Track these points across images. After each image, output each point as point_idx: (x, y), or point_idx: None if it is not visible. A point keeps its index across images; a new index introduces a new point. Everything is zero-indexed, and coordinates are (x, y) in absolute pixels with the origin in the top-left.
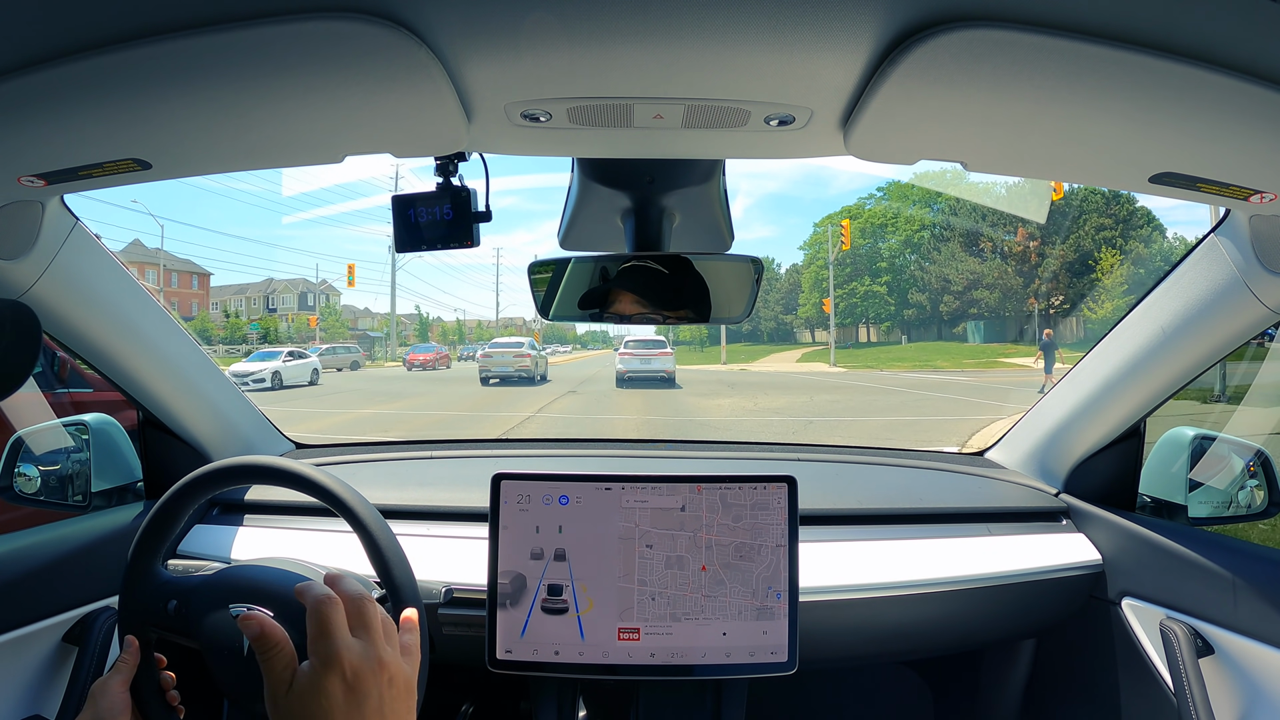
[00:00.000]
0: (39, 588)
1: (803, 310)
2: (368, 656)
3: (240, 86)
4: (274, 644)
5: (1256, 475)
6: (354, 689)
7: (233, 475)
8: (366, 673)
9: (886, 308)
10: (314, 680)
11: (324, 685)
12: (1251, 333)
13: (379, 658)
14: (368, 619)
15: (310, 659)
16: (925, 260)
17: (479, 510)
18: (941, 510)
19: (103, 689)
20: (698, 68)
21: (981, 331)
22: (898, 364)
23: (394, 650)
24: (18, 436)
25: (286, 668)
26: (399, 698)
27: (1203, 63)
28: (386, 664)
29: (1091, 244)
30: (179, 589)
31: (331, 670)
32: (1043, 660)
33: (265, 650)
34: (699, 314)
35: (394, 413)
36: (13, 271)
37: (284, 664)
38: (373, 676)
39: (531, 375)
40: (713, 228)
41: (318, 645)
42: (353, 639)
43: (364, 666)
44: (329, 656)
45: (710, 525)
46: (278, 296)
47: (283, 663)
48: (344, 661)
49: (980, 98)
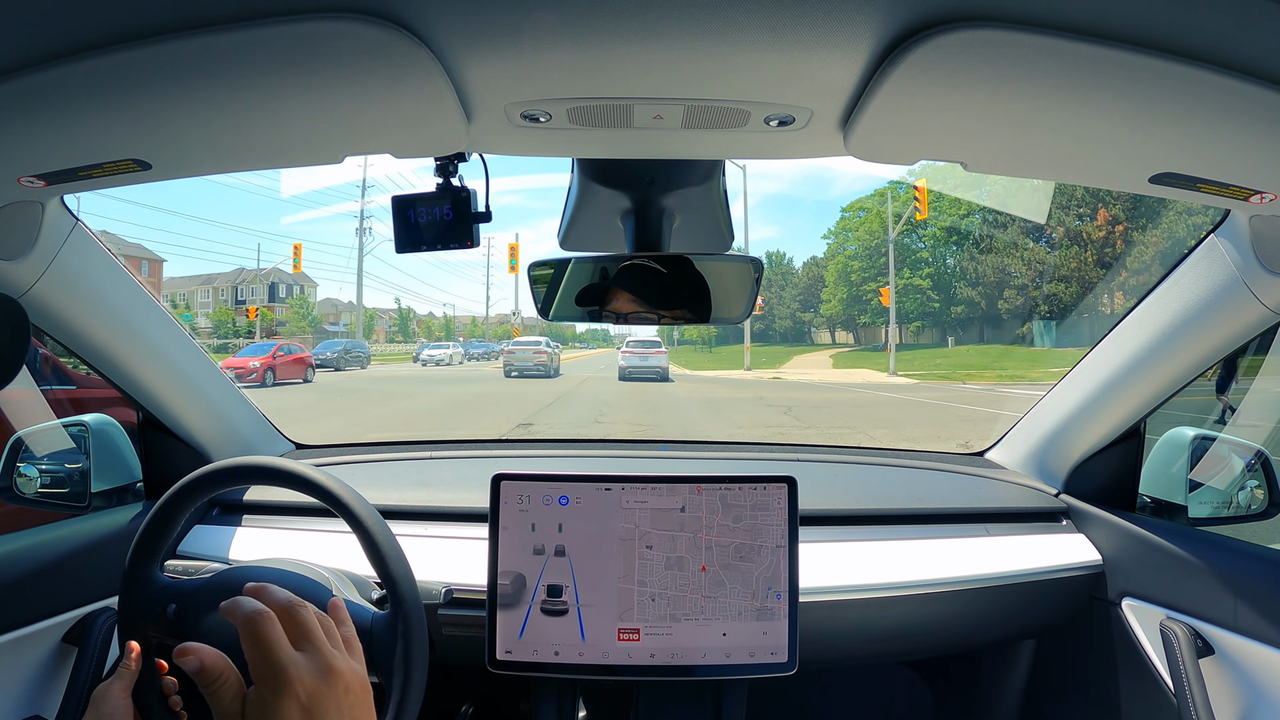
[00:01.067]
0: (39, 588)
1: (826, 307)
2: (317, 670)
3: (240, 86)
4: (216, 677)
5: (1256, 475)
6: (310, 710)
7: (232, 476)
8: (321, 688)
9: (929, 305)
10: (266, 708)
11: (278, 712)
12: (1252, 333)
13: (329, 667)
14: (306, 627)
15: (257, 686)
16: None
17: (479, 511)
18: (941, 510)
19: (105, 695)
20: (698, 68)
21: (1053, 333)
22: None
23: (341, 653)
24: (18, 437)
25: (234, 699)
26: (358, 703)
27: (1203, 63)
28: (339, 672)
29: (1185, 230)
30: (178, 592)
31: (283, 694)
32: (1043, 661)
33: (208, 685)
34: (697, 314)
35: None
36: (13, 272)
37: (231, 695)
38: (328, 690)
39: (548, 370)
40: (713, 228)
41: (262, 669)
42: (297, 654)
43: (316, 683)
44: (277, 679)
45: (710, 526)
46: (246, 287)
47: (229, 695)
48: (294, 682)
49: (980, 98)
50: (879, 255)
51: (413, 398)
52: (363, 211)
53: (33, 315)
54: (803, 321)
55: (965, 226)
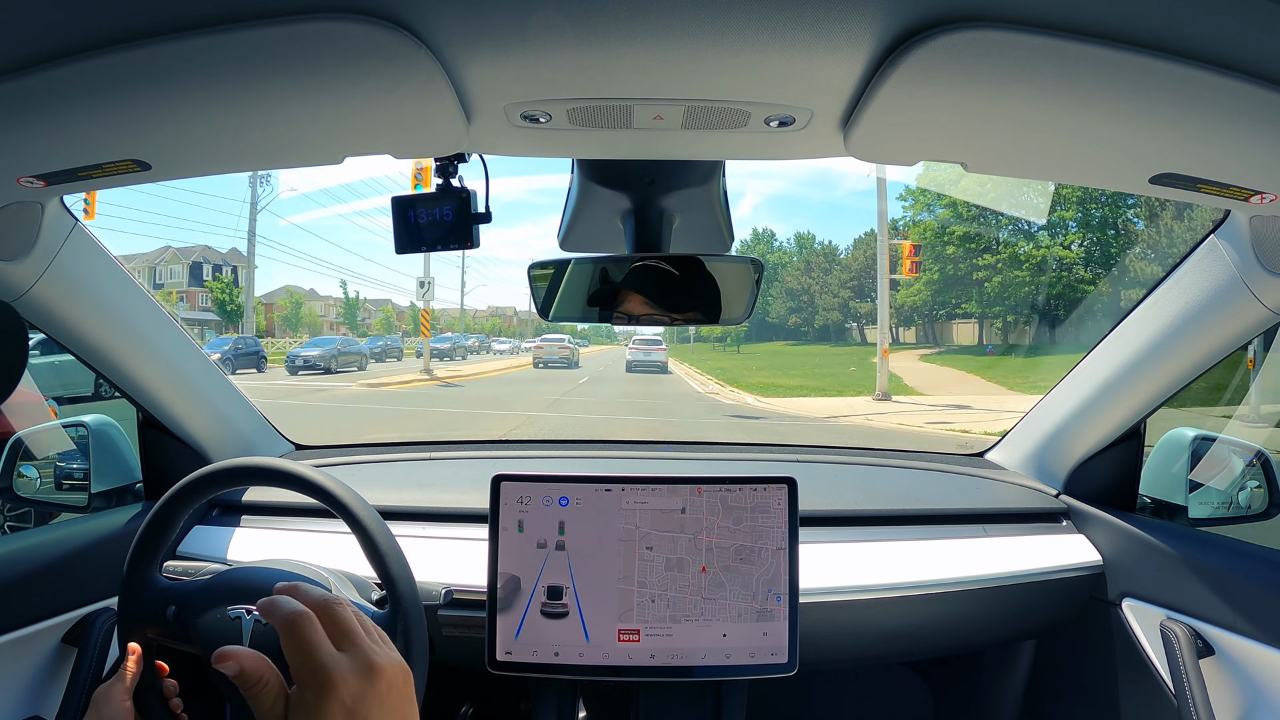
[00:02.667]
0: (39, 588)
1: (906, 294)
2: (361, 670)
3: (240, 87)
4: (257, 680)
5: (1257, 476)
6: (354, 711)
7: (232, 477)
8: (365, 689)
9: (1058, 289)
10: (309, 711)
11: (322, 714)
12: (1252, 333)
13: (371, 665)
14: (347, 626)
15: (300, 689)
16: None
17: (479, 511)
18: (942, 511)
19: (105, 696)
20: (698, 69)
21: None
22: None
23: (380, 647)
24: (17, 437)
25: (276, 702)
26: (400, 698)
27: (1203, 63)
28: (382, 669)
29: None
30: (177, 594)
31: (327, 696)
32: (1043, 661)
33: (250, 688)
34: (707, 315)
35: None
36: (12, 273)
37: (273, 699)
38: (371, 689)
39: (570, 362)
40: (713, 229)
41: (304, 671)
42: (340, 655)
43: (360, 683)
44: (320, 681)
45: (711, 528)
46: (165, 268)
47: (271, 698)
48: (338, 684)
49: (980, 98)
50: (990, 221)
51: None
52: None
53: (32, 316)
54: (857, 313)
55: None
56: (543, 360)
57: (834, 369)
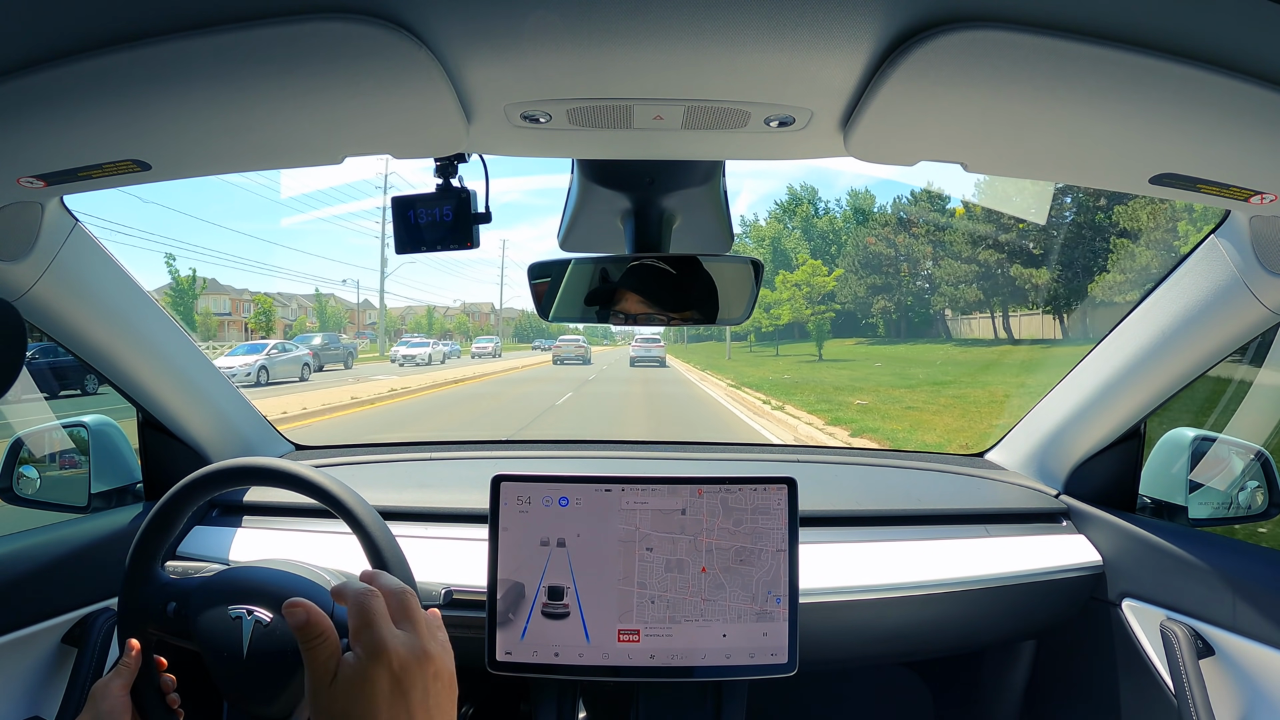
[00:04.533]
0: (39, 589)
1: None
2: (413, 648)
3: (240, 87)
4: (319, 633)
5: (1256, 476)
6: (400, 681)
7: (232, 477)
8: (412, 664)
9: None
10: (359, 671)
11: (370, 676)
12: (1252, 334)
13: (424, 649)
14: (412, 611)
15: (354, 650)
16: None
17: (479, 512)
18: (942, 511)
19: (103, 691)
20: (697, 69)
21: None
22: None
23: (437, 644)
24: (18, 437)
25: (330, 657)
26: (443, 692)
27: (1203, 63)
28: (432, 657)
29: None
30: (178, 591)
31: (377, 661)
32: (1043, 661)
33: (309, 640)
34: (705, 315)
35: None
36: (12, 273)
37: (328, 654)
38: (419, 668)
39: (584, 359)
40: (713, 229)
41: (362, 636)
42: (398, 630)
43: (410, 658)
44: (374, 647)
45: (711, 529)
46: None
47: (326, 653)
48: (390, 652)
49: (980, 98)
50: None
51: None
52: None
53: (32, 316)
54: (961, 302)
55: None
56: (561, 358)
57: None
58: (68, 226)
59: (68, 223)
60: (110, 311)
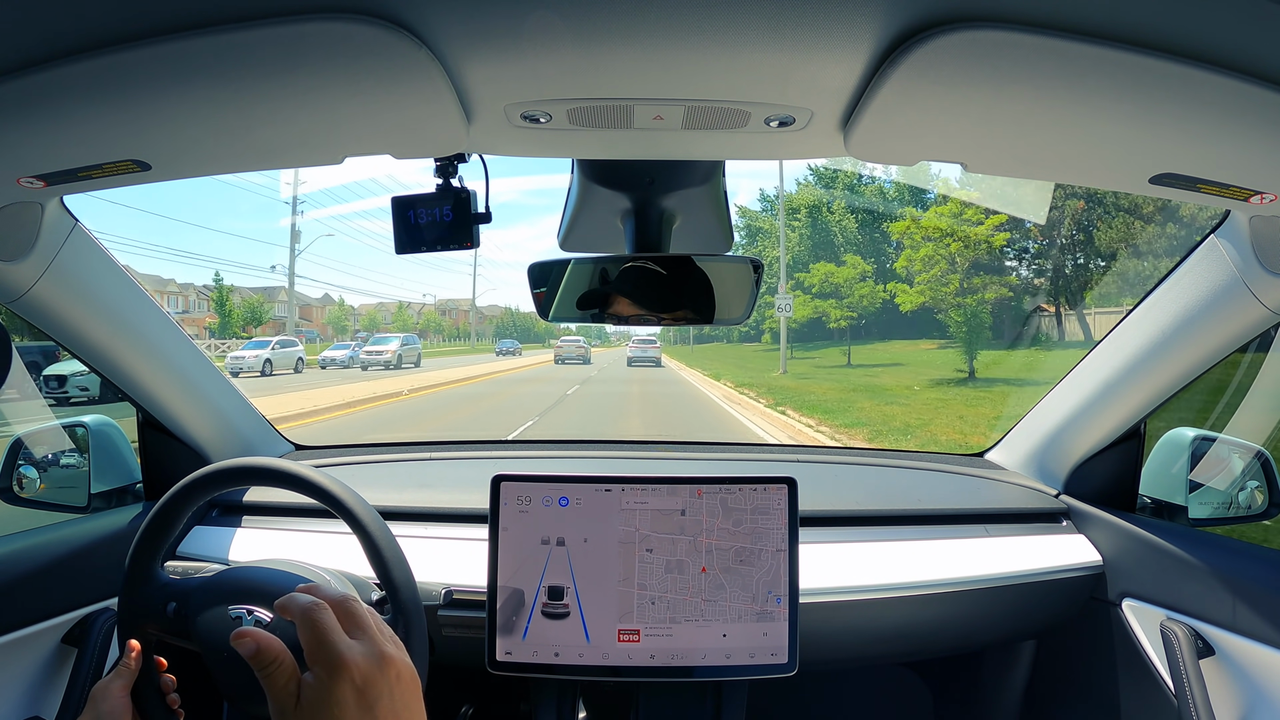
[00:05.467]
0: (39, 589)
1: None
2: (371, 656)
3: (240, 87)
4: (272, 659)
5: (1256, 476)
6: (364, 693)
7: (232, 477)
8: (374, 673)
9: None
10: (322, 690)
11: (334, 694)
12: (1251, 333)
13: (382, 654)
14: (360, 618)
15: (313, 669)
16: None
17: (479, 512)
18: (941, 511)
19: (104, 692)
20: (698, 69)
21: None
22: None
23: (392, 644)
24: (18, 438)
25: (290, 680)
26: (408, 691)
27: (1203, 63)
28: (391, 659)
29: None
30: (178, 591)
31: (339, 677)
32: (1043, 661)
33: (264, 667)
34: (700, 315)
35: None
36: (12, 273)
37: (286, 678)
38: (381, 675)
39: (584, 358)
40: (713, 229)
41: (318, 653)
42: (352, 641)
43: (370, 667)
44: (333, 662)
45: (710, 530)
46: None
47: (285, 677)
48: (349, 665)
49: (980, 98)
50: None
51: None
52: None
53: (32, 316)
54: (1076, 289)
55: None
56: (562, 358)
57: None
58: (68, 226)
59: (68, 223)
60: (110, 311)
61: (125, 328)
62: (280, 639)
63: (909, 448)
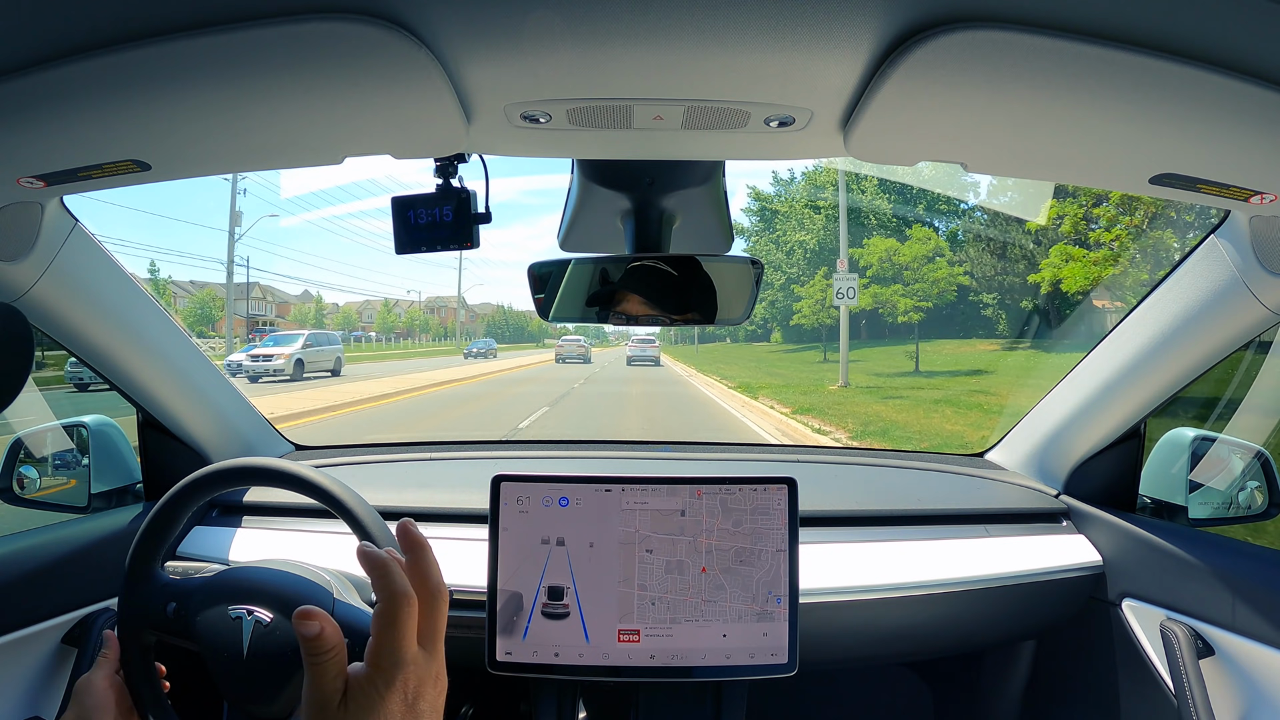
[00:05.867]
0: (39, 589)
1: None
2: (430, 670)
3: (240, 87)
4: (329, 649)
5: (1256, 476)
6: (413, 708)
7: (232, 477)
8: (428, 689)
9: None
10: (374, 693)
11: (386, 703)
12: (1252, 334)
13: (440, 673)
14: (438, 627)
15: (370, 668)
16: None
17: (478, 512)
18: (941, 511)
19: (88, 686)
20: (697, 69)
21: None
22: None
23: (444, 659)
24: (18, 437)
25: (339, 675)
26: (441, 697)
27: (1203, 63)
28: (441, 677)
29: None
30: (178, 591)
31: (394, 686)
32: (1043, 662)
33: (317, 654)
34: (702, 315)
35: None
36: (12, 273)
37: (337, 670)
38: (432, 692)
39: (585, 358)
40: (713, 229)
41: (386, 655)
42: (419, 650)
43: (426, 679)
44: (395, 671)
45: (710, 530)
46: None
47: (336, 669)
48: (409, 678)
49: (980, 99)
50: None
51: None
52: None
53: (32, 316)
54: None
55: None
56: (563, 357)
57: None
58: (68, 227)
59: (68, 223)
60: (110, 311)
61: (125, 328)
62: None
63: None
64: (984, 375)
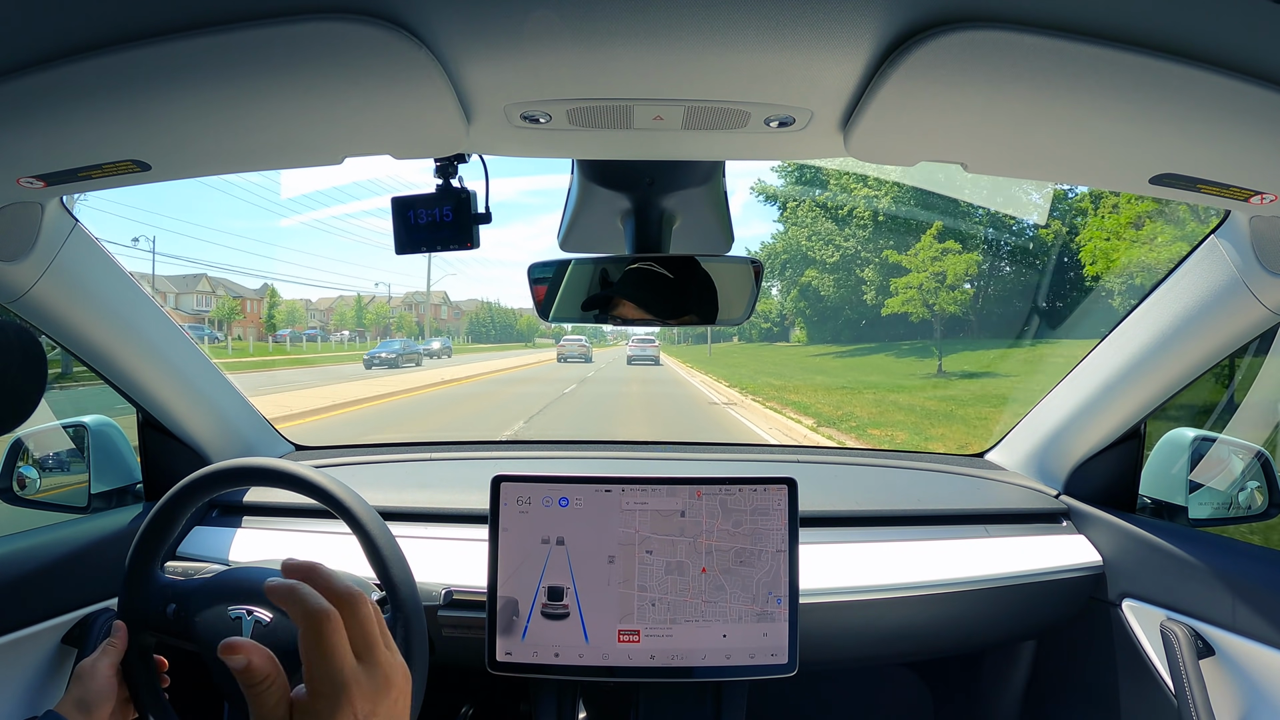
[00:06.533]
0: (38, 589)
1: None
2: (376, 685)
3: (240, 88)
4: (263, 678)
5: (1256, 476)
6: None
7: (232, 477)
8: (378, 704)
9: None
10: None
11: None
12: (1252, 334)
13: (387, 680)
14: (368, 633)
15: (311, 696)
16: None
17: (479, 512)
18: (942, 512)
19: (91, 671)
20: (697, 69)
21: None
22: None
23: (391, 653)
24: (18, 438)
25: (280, 702)
26: (403, 707)
27: (1203, 63)
28: (394, 682)
29: None
30: (178, 592)
31: (340, 710)
32: (1043, 662)
33: (253, 686)
34: (703, 316)
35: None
36: (12, 273)
37: (276, 700)
38: (384, 703)
39: (587, 357)
40: (713, 229)
41: (322, 680)
42: (358, 666)
43: (374, 698)
44: (336, 694)
45: (710, 531)
46: None
47: (274, 699)
48: (354, 698)
49: (980, 99)
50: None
51: None
52: None
53: (32, 316)
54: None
55: None
56: (565, 356)
57: None
58: (68, 227)
59: (68, 223)
60: (110, 311)
61: (125, 328)
62: (278, 642)
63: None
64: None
